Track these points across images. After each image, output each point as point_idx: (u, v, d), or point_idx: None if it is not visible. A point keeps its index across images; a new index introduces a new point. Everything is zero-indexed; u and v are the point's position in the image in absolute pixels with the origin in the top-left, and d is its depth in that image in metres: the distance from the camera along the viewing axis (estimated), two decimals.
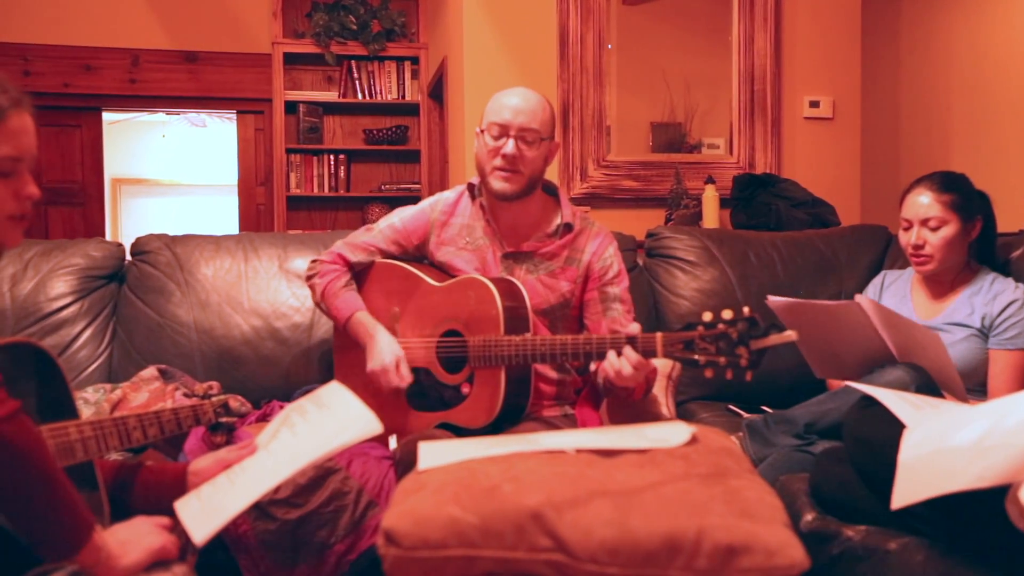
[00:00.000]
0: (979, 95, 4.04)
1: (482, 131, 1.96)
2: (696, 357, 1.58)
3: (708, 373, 1.57)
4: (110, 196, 7.57)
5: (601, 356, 1.74)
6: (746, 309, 1.55)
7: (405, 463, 1.66)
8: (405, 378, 1.91)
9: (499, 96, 1.97)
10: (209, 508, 1.35)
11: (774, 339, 1.52)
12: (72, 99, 5.36)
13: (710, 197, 3.67)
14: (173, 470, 1.53)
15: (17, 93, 1.25)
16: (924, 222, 2.13)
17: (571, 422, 1.97)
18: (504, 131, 1.92)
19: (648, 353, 1.67)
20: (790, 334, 1.51)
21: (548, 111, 1.98)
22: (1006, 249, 2.31)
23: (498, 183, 1.94)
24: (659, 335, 1.65)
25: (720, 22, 3.95)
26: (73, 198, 5.51)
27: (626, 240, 2.64)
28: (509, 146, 1.91)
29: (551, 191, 2.08)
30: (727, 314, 1.56)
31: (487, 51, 3.78)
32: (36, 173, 1.30)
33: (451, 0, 4.23)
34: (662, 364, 2.11)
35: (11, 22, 5.21)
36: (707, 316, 1.58)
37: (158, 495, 1.45)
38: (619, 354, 1.69)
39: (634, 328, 1.70)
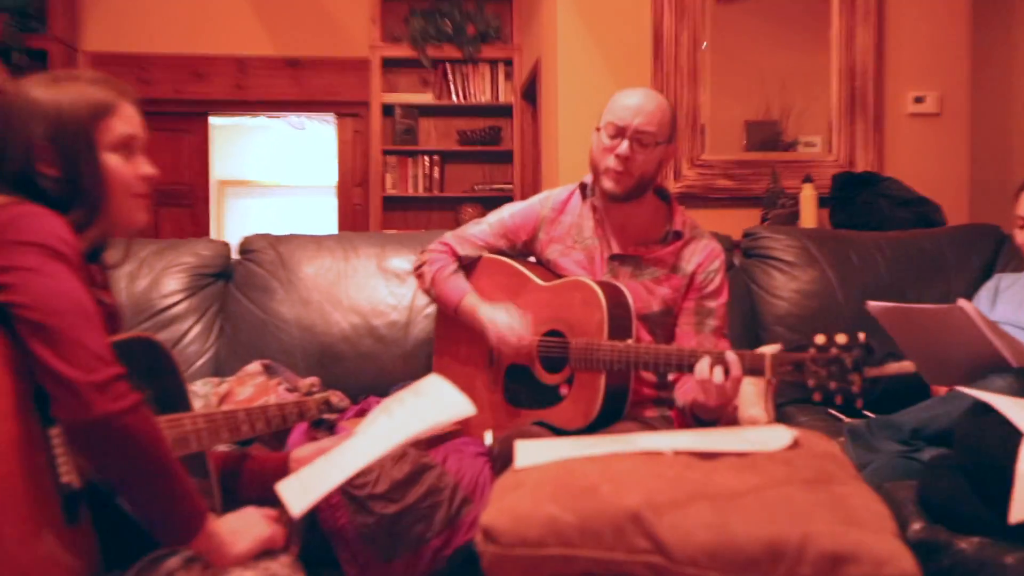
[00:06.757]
0: None
1: (599, 129, 1.91)
2: (806, 380, 1.53)
3: (816, 397, 1.53)
4: (215, 197, 7.84)
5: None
6: (862, 335, 1.50)
7: (502, 460, 1.66)
8: (524, 335, 1.91)
9: (619, 95, 1.92)
10: (307, 485, 1.38)
11: (892, 368, 1.47)
12: (183, 104, 5.57)
13: (808, 196, 3.58)
14: (276, 458, 1.57)
15: (121, 86, 1.35)
16: None
17: (668, 423, 1.94)
18: (620, 131, 1.87)
19: (756, 371, 1.62)
20: (908, 365, 1.47)
21: (668, 114, 1.91)
22: None
23: (608, 183, 1.90)
24: (768, 354, 1.60)
25: (818, 18, 3.84)
26: (182, 199, 5.72)
27: (722, 240, 2.57)
28: (623, 147, 1.86)
29: (664, 196, 2.02)
30: (841, 339, 1.51)
31: (581, 52, 3.77)
32: None
33: (545, 2, 4.23)
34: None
35: (128, 33, 5.46)
36: (820, 339, 1.53)
37: (263, 482, 1.49)
38: (724, 370, 1.63)
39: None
